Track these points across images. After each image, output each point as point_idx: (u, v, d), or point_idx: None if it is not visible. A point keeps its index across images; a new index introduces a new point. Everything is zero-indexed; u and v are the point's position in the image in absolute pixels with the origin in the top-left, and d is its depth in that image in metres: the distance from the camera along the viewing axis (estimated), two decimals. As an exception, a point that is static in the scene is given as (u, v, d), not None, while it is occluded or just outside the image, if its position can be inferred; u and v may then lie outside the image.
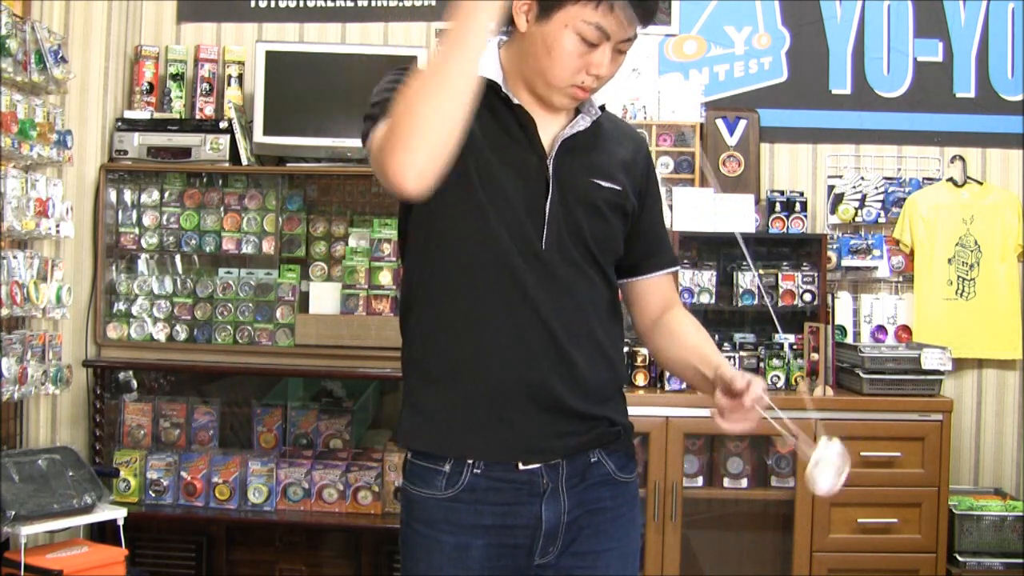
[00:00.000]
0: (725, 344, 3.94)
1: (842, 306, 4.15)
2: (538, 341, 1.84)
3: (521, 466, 1.86)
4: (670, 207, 4.03)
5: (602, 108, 1.97)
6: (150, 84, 4.14)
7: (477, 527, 1.85)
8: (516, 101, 1.87)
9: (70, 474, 3.34)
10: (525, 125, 1.87)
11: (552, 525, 1.87)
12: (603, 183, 1.90)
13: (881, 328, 4.15)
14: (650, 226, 2.04)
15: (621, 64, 1.86)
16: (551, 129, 1.90)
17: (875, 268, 4.18)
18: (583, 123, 1.91)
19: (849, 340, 4.11)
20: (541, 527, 1.87)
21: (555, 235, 1.86)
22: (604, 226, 1.92)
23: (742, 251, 4.09)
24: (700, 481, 3.85)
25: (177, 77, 4.18)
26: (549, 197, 1.86)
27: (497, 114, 1.87)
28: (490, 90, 1.86)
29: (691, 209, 3.99)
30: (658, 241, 2.06)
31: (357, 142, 4.01)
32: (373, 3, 4.32)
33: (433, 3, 4.30)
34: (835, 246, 4.15)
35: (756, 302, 3.99)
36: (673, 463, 3.68)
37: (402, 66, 1.89)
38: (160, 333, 3.98)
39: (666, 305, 2.07)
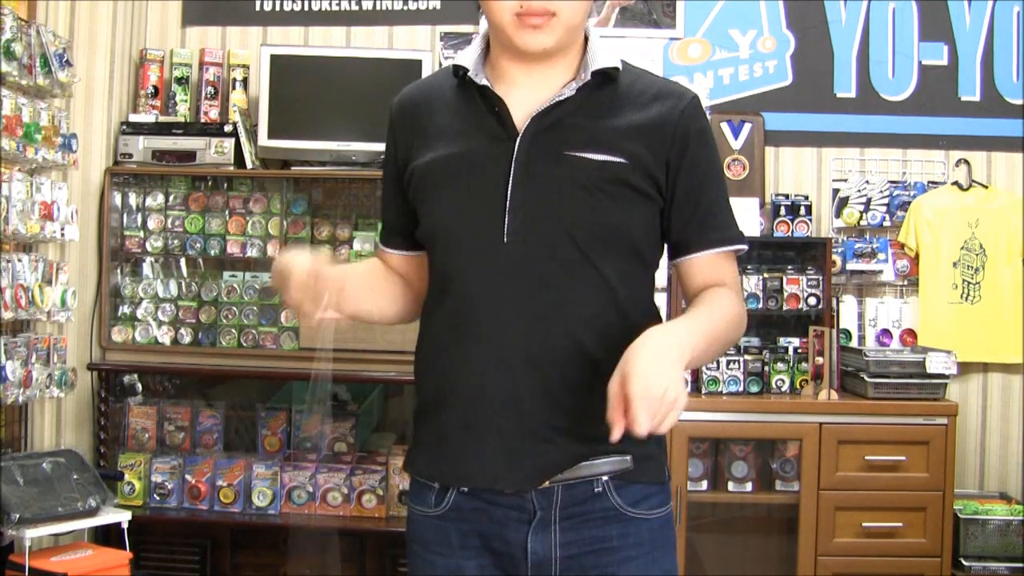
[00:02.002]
0: (730, 348, 3.92)
1: (847, 310, 4.15)
2: (509, 358, 1.68)
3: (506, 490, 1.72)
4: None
5: (613, 71, 1.76)
6: (155, 87, 4.15)
7: (467, 548, 1.75)
8: (482, 82, 1.74)
9: (75, 477, 3.34)
10: (496, 107, 1.73)
11: (540, 558, 1.71)
12: (595, 156, 1.69)
13: (886, 332, 4.14)
14: (689, 196, 1.75)
15: None
16: (535, 105, 1.73)
17: (880, 272, 4.17)
18: (567, 92, 1.72)
19: (854, 344, 4.11)
20: (527, 558, 1.72)
21: (520, 224, 1.68)
22: (594, 207, 1.68)
23: (747, 255, 4.08)
24: (705, 485, 3.85)
25: (182, 80, 4.18)
26: (511, 180, 1.69)
27: (471, 104, 1.77)
28: (467, 81, 1.77)
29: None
30: (710, 214, 1.77)
31: (362, 145, 4.05)
32: (378, 6, 4.32)
33: (438, 6, 4.30)
34: (840, 250, 4.14)
35: (761, 305, 3.99)
36: (678, 467, 3.67)
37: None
38: (165, 336, 3.98)
39: (711, 286, 1.78)
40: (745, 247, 1.81)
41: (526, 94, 1.74)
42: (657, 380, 1.49)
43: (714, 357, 1.75)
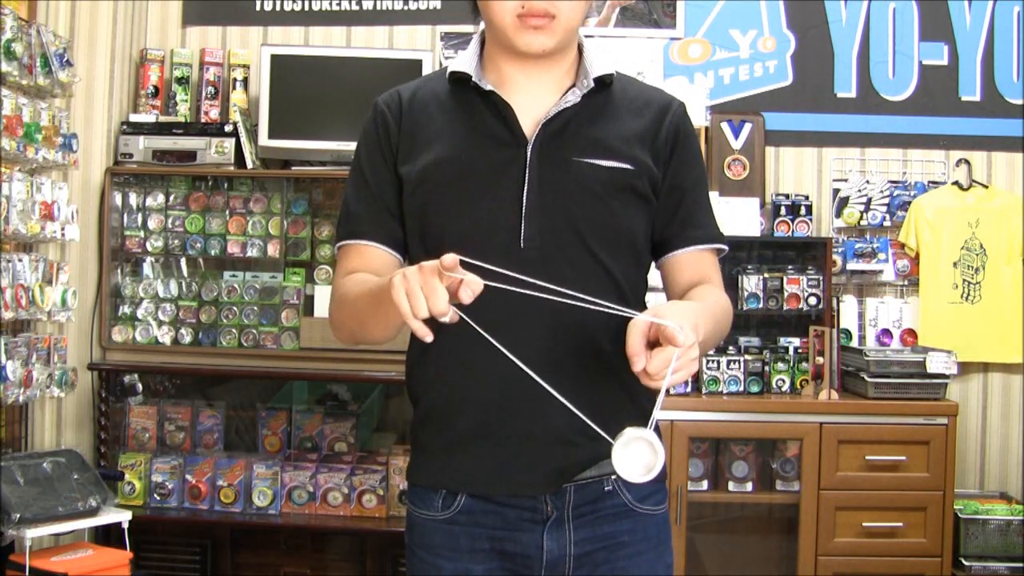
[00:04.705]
0: (730, 348, 3.94)
1: (847, 310, 4.15)
2: (529, 359, 1.63)
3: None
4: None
5: (609, 78, 1.79)
6: (155, 87, 4.15)
7: (476, 552, 1.74)
8: (488, 87, 1.75)
9: (75, 477, 3.34)
10: (503, 113, 1.74)
11: (555, 556, 1.73)
12: (603, 162, 1.72)
13: (886, 332, 4.14)
14: (672, 195, 1.80)
15: None
16: (540, 111, 1.75)
17: (880, 272, 4.17)
18: (572, 98, 1.75)
19: (854, 344, 4.11)
20: (543, 558, 1.73)
21: (537, 230, 1.70)
22: (605, 212, 1.72)
23: (747, 255, 4.09)
24: (705, 485, 3.85)
25: (182, 80, 4.18)
26: (526, 186, 1.70)
27: (474, 110, 1.76)
28: (466, 85, 1.77)
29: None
30: (692, 213, 1.82)
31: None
32: (378, 6, 4.32)
33: (438, 6, 4.30)
34: (840, 249, 4.14)
35: (761, 305, 3.99)
36: (678, 467, 3.68)
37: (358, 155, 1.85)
38: (165, 336, 3.98)
39: (699, 283, 1.81)
40: (726, 248, 1.85)
41: (528, 99, 1.76)
42: (689, 333, 1.49)
43: (710, 348, 1.80)
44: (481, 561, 1.75)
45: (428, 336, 1.47)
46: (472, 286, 1.44)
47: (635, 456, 1.50)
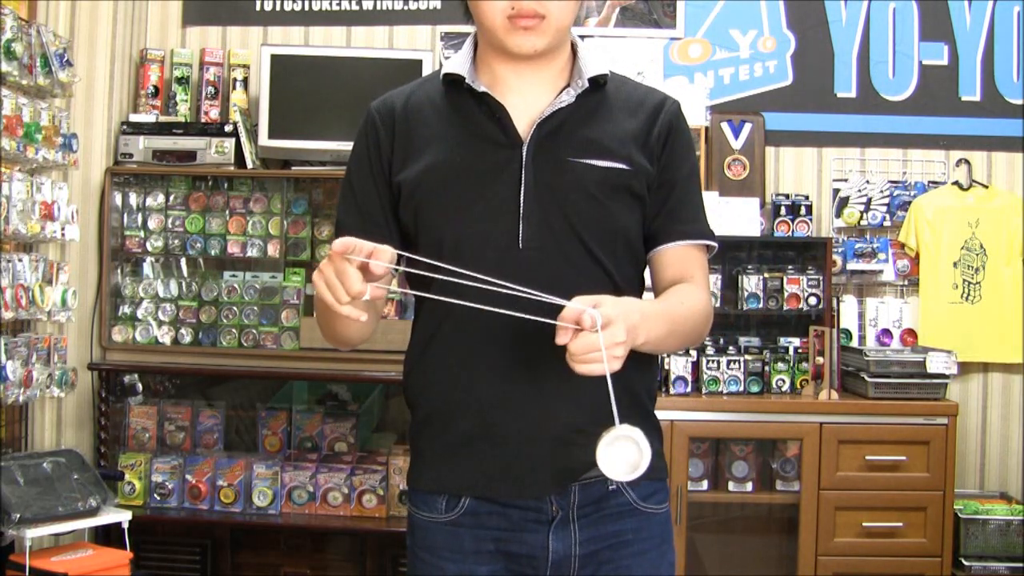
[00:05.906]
0: (730, 348, 3.94)
1: (847, 310, 4.15)
2: (528, 360, 1.69)
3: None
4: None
5: (603, 78, 1.79)
6: (155, 87, 4.15)
7: (481, 553, 1.74)
8: (482, 89, 1.75)
9: (75, 477, 3.34)
10: (497, 115, 1.74)
11: (561, 556, 1.74)
12: (598, 163, 1.72)
13: (886, 332, 4.14)
14: (661, 190, 1.79)
15: None
16: (534, 112, 1.75)
17: (880, 272, 4.17)
18: (567, 98, 1.75)
19: (854, 344, 4.11)
20: (548, 558, 1.74)
21: (535, 230, 1.70)
22: (601, 212, 1.73)
23: (747, 255, 4.09)
24: (705, 485, 3.85)
25: (182, 80, 4.18)
26: (523, 187, 1.71)
27: (468, 111, 1.77)
28: (460, 87, 1.78)
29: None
30: (680, 208, 1.80)
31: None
32: (378, 6, 4.32)
33: (438, 6, 4.30)
34: (840, 249, 4.14)
35: (761, 305, 3.99)
36: (678, 467, 3.68)
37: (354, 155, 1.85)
38: (165, 336, 3.98)
39: (680, 281, 1.80)
40: (715, 245, 1.85)
41: (522, 99, 1.77)
42: (618, 329, 1.49)
43: (672, 349, 1.83)
44: (486, 562, 1.75)
45: (362, 316, 1.56)
46: (380, 257, 1.51)
47: (620, 454, 1.50)
